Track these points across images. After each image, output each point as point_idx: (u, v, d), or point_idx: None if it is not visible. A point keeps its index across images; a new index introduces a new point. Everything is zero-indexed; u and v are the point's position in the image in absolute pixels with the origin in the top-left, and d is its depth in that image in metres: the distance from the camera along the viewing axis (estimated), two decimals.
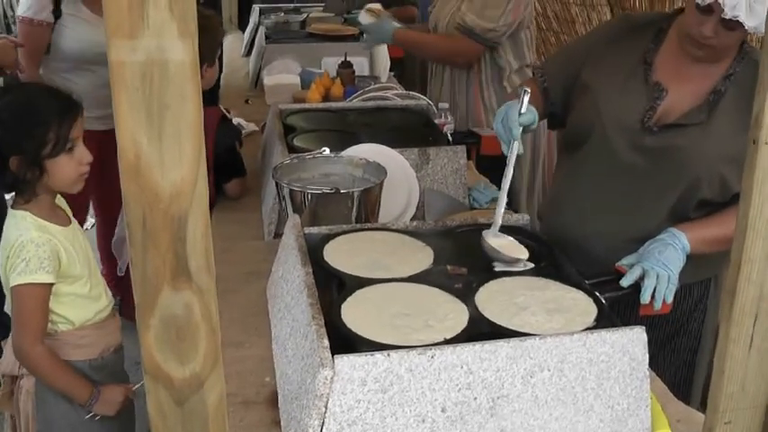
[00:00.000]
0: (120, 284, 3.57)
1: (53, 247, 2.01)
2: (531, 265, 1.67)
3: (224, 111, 2.79)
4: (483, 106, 3.49)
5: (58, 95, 2.10)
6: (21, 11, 3.34)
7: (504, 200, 1.78)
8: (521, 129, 1.83)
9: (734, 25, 1.76)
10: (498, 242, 1.69)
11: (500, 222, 1.75)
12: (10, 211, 2.06)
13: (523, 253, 1.68)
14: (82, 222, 3.33)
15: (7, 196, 2.32)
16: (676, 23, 1.98)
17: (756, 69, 1.11)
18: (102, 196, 3.78)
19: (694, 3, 1.80)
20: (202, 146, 0.89)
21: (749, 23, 1.74)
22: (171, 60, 0.84)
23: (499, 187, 2.66)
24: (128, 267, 1.25)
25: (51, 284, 2.01)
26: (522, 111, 1.84)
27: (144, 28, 0.83)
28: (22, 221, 2.03)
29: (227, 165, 2.66)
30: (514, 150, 1.82)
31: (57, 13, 3.31)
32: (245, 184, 2.73)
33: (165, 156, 0.87)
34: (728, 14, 1.74)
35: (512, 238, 1.72)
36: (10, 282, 1.99)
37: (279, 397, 1.55)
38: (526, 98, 1.84)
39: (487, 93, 3.48)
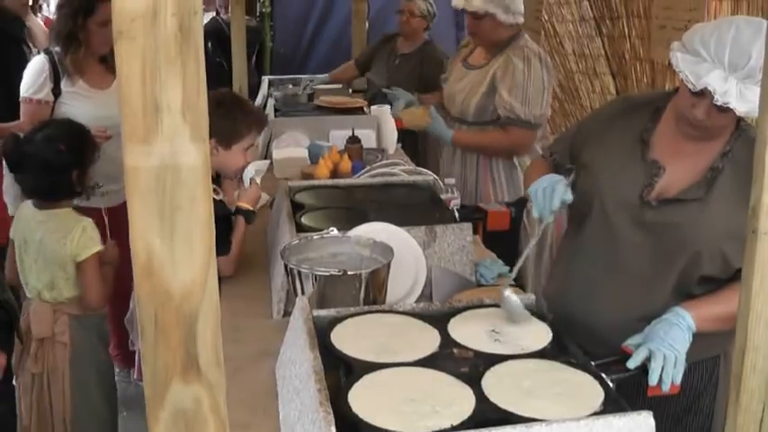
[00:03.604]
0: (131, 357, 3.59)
1: None
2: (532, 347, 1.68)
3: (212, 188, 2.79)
4: (491, 181, 3.64)
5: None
6: (23, 91, 3.47)
7: (523, 257, 2.00)
8: (561, 204, 1.97)
9: (726, 107, 1.79)
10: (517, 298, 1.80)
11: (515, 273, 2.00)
12: (54, 213, 2.75)
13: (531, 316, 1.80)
14: None
15: None
16: (672, 103, 2.02)
17: (753, 148, 1.13)
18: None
19: (686, 86, 1.84)
20: (212, 245, 0.91)
21: (740, 109, 1.77)
22: (183, 164, 0.87)
23: (505, 263, 2.69)
24: None
25: None
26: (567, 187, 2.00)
27: (158, 133, 0.86)
28: (71, 214, 2.78)
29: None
30: (548, 220, 1.99)
31: (56, 91, 3.45)
32: (231, 261, 2.62)
33: (176, 256, 0.89)
34: (719, 101, 1.77)
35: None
36: (81, 256, 2.72)
37: None
38: (572, 177, 2.03)
39: (497, 168, 3.64)
